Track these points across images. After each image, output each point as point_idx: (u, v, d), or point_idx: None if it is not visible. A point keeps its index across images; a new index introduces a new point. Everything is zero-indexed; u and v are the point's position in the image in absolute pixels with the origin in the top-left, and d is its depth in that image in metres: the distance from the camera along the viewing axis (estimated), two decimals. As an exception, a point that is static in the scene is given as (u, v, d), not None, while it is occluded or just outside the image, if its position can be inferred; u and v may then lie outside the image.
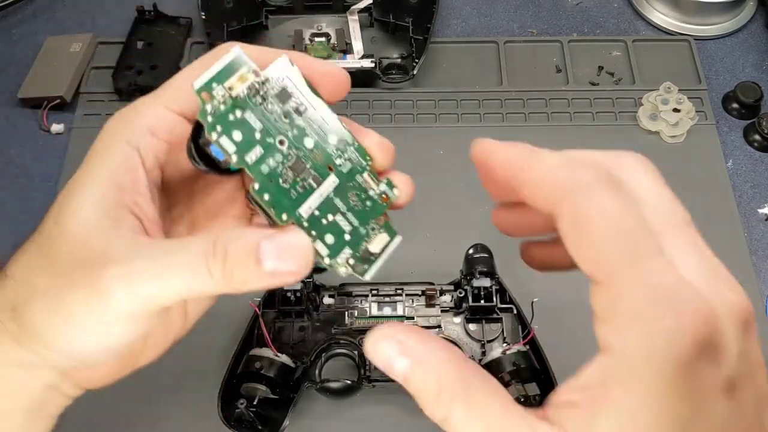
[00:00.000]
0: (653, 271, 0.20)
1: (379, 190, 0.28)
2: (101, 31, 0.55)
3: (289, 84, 0.26)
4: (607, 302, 0.20)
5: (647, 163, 0.23)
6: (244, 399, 0.35)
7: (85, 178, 0.25)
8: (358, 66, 0.50)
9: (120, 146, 0.25)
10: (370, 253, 0.27)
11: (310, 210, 0.26)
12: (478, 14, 0.57)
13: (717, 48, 0.55)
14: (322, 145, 0.27)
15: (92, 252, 0.23)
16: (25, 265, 0.25)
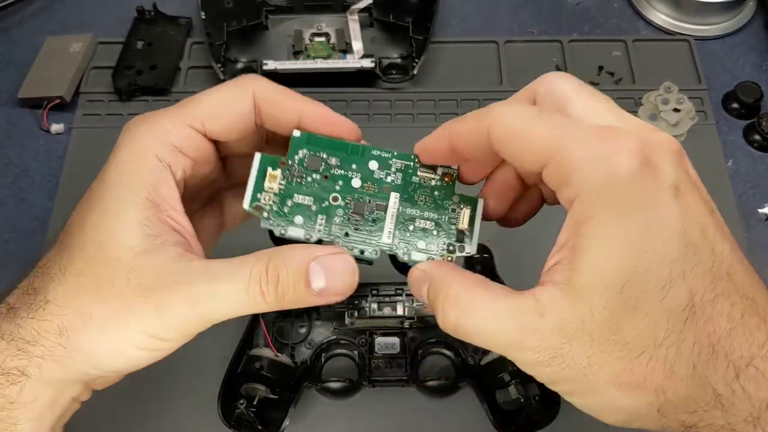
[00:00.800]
0: (592, 129, 0.24)
1: (440, 174, 0.29)
2: (101, 31, 0.55)
3: (310, 152, 0.29)
4: (564, 172, 0.23)
5: (566, 78, 0.27)
6: (244, 399, 0.35)
7: (123, 198, 0.25)
8: (358, 66, 0.50)
9: (152, 163, 0.26)
10: (461, 232, 0.28)
11: (391, 234, 0.28)
12: (478, 14, 0.57)
13: (717, 48, 0.55)
14: (369, 177, 0.29)
15: (148, 277, 0.24)
16: (72, 292, 0.25)
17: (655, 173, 0.22)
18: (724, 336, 0.22)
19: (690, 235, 0.22)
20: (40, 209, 0.46)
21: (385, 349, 0.37)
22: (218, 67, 0.50)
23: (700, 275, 0.22)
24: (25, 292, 0.26)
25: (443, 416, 0.38)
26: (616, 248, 0.22)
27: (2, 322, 0.25)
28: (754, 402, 0.21)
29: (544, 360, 0.23)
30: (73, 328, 0.25)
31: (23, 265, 0.43)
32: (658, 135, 0.24)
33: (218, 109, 0.27)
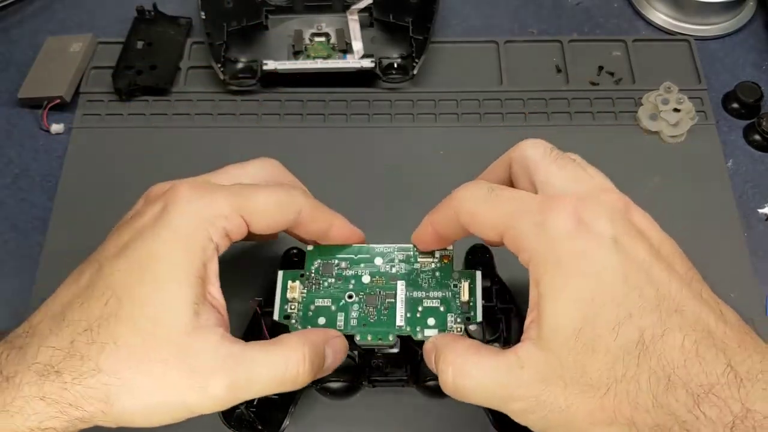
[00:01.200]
0: (535, 200, 0.27)
1: (438, 257, 0.34)
2: (101, 31, 0.55)
3: (323, 261, 0.34)
4: (516, 242, 0.27)
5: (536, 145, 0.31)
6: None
7: (177, 274, 0.27)
8: (358, 66, 0.50)
9: (206, 242, 0.28)
10: (465, 303, 0.33)
11: (403, 318, 0.33)
12: (478, 14, 0.57)
13: (717, 48, 0.55)
14: (377, 272, 0.34)
15: (195, 359, 0.27)
16: (123, 364, 0.26)
17: (589, 229, 0.26)
18: (679, 367, 0.24)
19: (632, 278, 0.25)
20: (40, 209, 0.46)
21: (385, 349, 0.37)
22: (218, 67, 0.50)
23: (647, 313, 0.24)
24: (68, 354, 0.26)
25: (443, 416, 0.38)
26: (567, 301, 0.25)
27: (44, 383, 0.26)
28: (718, 427, 0.23)
29: (530, 407, 0.25)
30: (119, 396, 0.26)
31: (23, 265, 0.44)
32: (598, 197, 0.27)
33: (270, 213, 0.31)
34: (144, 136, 0.49)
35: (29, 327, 0.28)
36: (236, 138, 0.49)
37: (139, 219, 0.29)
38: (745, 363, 0.24)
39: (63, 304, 0.28)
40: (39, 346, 0.26)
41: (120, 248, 0.28)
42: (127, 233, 0.29)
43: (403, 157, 0.48)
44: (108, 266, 0.28)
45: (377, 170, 0.48)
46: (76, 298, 0.28)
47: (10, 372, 0.26)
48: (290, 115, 0.50)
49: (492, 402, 0.27)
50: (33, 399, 0.26)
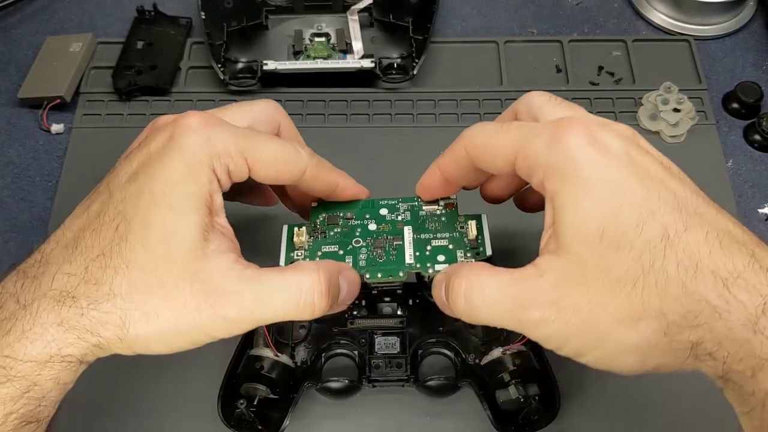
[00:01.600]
0: (546, 123, 0.28)
1: (443, 205, 0.34)
2: (101, 31, 0.55)
3: (328, 214, 0.34)
4: (529, 162, 0.27)
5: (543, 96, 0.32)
6: (244, 399, 0.35)
7: (188, 199, 0.27)
8: (358, 66, 0.50)
9: (211, 174, 0.28)
10: (473, 240, 0.32)
11: (412, 257, 0.32)
12: (478, 14, 0.57)
13: (717, 48, 0.55)
14: (382, 220, 0.34)
15: (208, 282, 0.27)
16: (137, 288, 0.26)
17: (603, 146, 0.26)
18: (705, 256, 0.24)
19: (649, 184, 0.25)
20: (40, 209, 0.46)
21: (385, 349, 0.37)
22: (218, 67, 0.50)
23: (669, 212, 0.25)
24: (83, 280, 0.26)
25: (443, 416, 0.38)
26: (588, 204, 0.25)
27: (61, 309, 0.26)
28: (749, 309, 0.23)
29: (550, 315, 0.25)
30: (135, 321, 0.26)
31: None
32: (608, 123, 0.28)
33: (275, 164, 0.30)
34: (144, 136, 0.49)
35: (41, 256, 0.28)
36: (236, 138, 0.49)
37: (147, 146, 0.29)
38: (766, 258, 0.24)
39: (74, 231, 0.28)
40: (54, 274, 0.27)
41: (130, 175, 0.28)
42: (136, 160, 0.29)
43: (403, 157, 0.48)
44: (118, 193, 0.28)
45: (377, 170, 0.48)
46: (87, 225, 0.28)
47: (27, 300, 0.26)
48: (290, 115, 0.50)
49: (505, 315, 0.26)
50: (51, 325, 0.26)
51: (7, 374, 0.25)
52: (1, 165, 0.49)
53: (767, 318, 0.23)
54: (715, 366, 0.24)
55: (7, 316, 0.26)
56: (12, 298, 0.27)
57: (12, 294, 0.27)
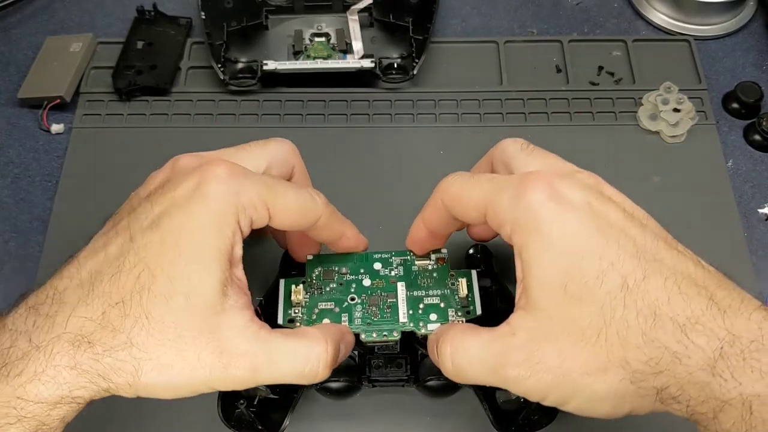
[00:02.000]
0: (512, 178, 0.29)
1: (434, 259, 0.35)
2: (101, 31, 0.55)
3: (324, 269, 0.35)
4: (498, 217, 0.28)
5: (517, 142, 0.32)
6: (244, 399, 0.35)
7: (211, 252, 0.28)
8: (358, 66, 0.50)
9: (235, 225, 0.29)
10: (464, 299, 0.34)
11: (405, 315, 0.34)
12: (478, 14, 0.57)
13: (717, 48, 0.55)
14: (376, 275, 0.35)
15: (223, 340, 0.27)
16: (155, 339, 0.27)
17: (564, 199, 0.27)
18: (664, 303, 0.25)
19: (609, 234, 0.26)
20: (40, 209, 0.46)
21: (385, 349, 0.37)
22: (218, 67, 0.50)
23: (628, 261, 0.26)
24: (100, 326, 0.26)
25: (443, 416, 0.38)
26: (550, 259, 0.26)
27: (76, 353, 0.26)
28: (707, 353, 0.24)
29: (525, 372, 0.26)
30: (147, 371, 0.27)
31: (23, 265, 0.44)
32: (571, 174, 0.29)
33: (294, 213, 0.31)
34: (144, 136, 0.49)
35: (53, 292, 0.28)
36: (236, 138, 0.49)
37: (171, 191, 0.29)
38: (726, 299, 0.25)
39: (91, 272, 0.28)
40: (69, 315, 0.27)
41: (152, 220, 0.28)
42: (160, 204, 0.29)
43: (403, 157, 0.48)
44: (140, 238, 0.28)
45: (377, 170, 0.48)
46: (105, 267, 0.28)
47: (41, 340, 0.26)
48: (290, 115, 0.50)
49: (489, 374, 0.27)
50: (65, 368, 0.26)
51: (18, 414, 0.25)
52: (1, 165, 0.49)
53: (725, 361, 0.24)
54: (681, 409, 0.25)
55: (20, 356, 0.26)
56: (23, 337, 0.26)
57: (23, 332, 0.27)
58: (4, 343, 0.26)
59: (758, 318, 0.24)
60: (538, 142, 0.49)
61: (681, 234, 0.30)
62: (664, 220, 0.48)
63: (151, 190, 0.31)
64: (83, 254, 0.29)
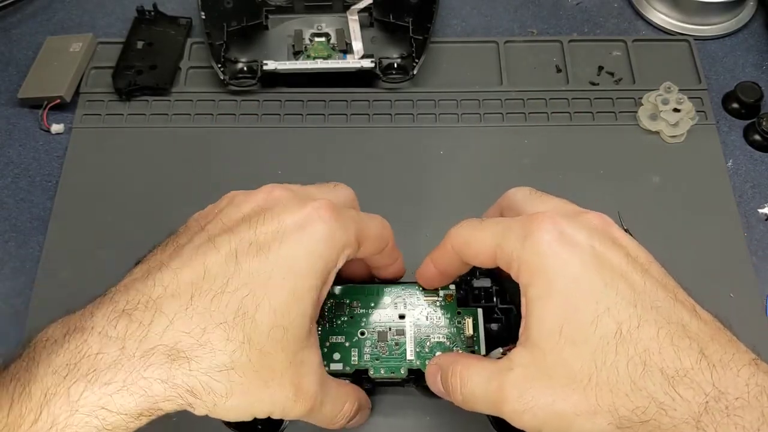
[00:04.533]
0: (520, 219, 0.30)
1: (442, 296, 0.36)
2: (101, 31, 0.55)
3: (336, 302, 0.36)
4: (506, 258, 0.29)
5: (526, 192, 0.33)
6: None
7: (309, 291, 0.29)
8: (358, 66, 0.50)
9: (332, 267, 0.30)
10: (470, 338, 0.35)
11: (413, 353, 0.35)
12: (478, 14, 0.57)
13: (717, 48, 0.55)
14: (384, 310, 0.36)
15: (300, 376, 0.29)
16: (251, 368, 0.27)
17: (569, 241, 0.28)
18: (655, 353, 0.25)
19: (608, 279, 0.27)
20: (40, 209, 0.46)
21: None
22: (218, 67, 0.50)
23: (624, 307, 0.26)
24: (199, 343, 0.26)
25: (443, 416, 0.38)
26: (550, 301, 0.27)
27: (171, 367, 0.26)
28: (692, 406, 0.24)
29: (521, 407, 0.27)
30: (237, 394, 0.27)
31: (23, 265, 0.44)
32: (578, 214, 0.29)
33: (376, 241, 0.33)
34: (144, 136, 0.49)
35: (147, 299, 0.27)
36: (236, 138, 0.49)
37: (279, 221, 0.29)
38: (717, 353, 0.25)
39: (189, 284, 0.27)
40: (166, 327, 0.26)
41: (260, 246, 0.28)
42: (265, 230, 0.29)
43: (403, 157, 0.48)
44: (246, 262, 0.28)
45: (377, 170, 0.48)
46: (206, 282, 0.27)
47: (134, 350, 0.25)
48: (290, 115, 0.50)
49: (491, 407, 0.28)
50: (156, 381, 0.25)
51: (98, 425, 0.25)
52: (1, 165, 0.49)
53: (709, 415, 0.24)
54: None
55: (109, 364, 0.25)
56: (114, 343, 0.25)
57: (114, 338, 0.26)
58: (91, 347, 0.25)
59: (746, 374, 0.25)
60: (538, 142, 0.49)
61: (681, 234, 0.30)
62: (664, 220, 0.48)
63: (246, 213, 0.30)
64: (175, 261, 0.28)
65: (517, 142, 0.49)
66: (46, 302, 0.42)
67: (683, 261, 0.43)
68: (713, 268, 0.43)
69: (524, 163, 0.48)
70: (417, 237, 0.44)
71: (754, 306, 0.42)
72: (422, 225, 0.45)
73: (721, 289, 0.43)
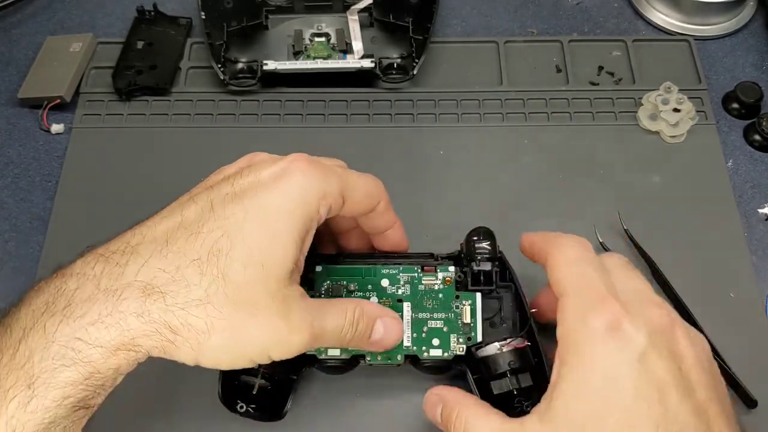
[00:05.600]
0: (592, 291, 0.29)
1: (441, 279, 0.36)
2: (101, 31, 0.55)
3: (332, 283, 0.36)
4: (561, 310, 0.29)
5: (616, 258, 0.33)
6: (243, 389, 0.35)
7: (290, 231, 0.29)
8: (358, 66, 0.50)
9: (314, 213, 0.30)
10: (466, 325, 0.35)
11: (409, 339, 0.35)
12: (478, 14, 0.57)
13: (717, 48, 0.55)
14: (383, 293, 0.36)
15: (289, 310, 0.29)
16: (230, 301, 0.27)
17: (623, 337, 0.27)
18: None
19: (644, 393, 0.26)
20: (40, 209, 0.46)
21: None
22: (218, 67, 0.50)
23: (645, 427, 0.26)
24: (173, 279, 0.27)
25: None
26: (580, 396, 0.27)
27: (145, 301, 0.26)
28: None
29: None
30: (219, 331, 0.27)
31: (23, 265, 0.44)
32: (644, 309, 0.29)
33: (363, 196, 0.33)
34: (144, 136, 0.49)
35: (125, 245, 0.28)
36: (236, 138, 0.49)
37: (255, 174, 0.30)
38: None
39: (165, 231, 0.28)
40: (141, 265, 0.27)
41: (234, 195, 0.29)
42: (242, 182, 0.30)
43: (403, 157, 0.48)
44: (220, 208, 0.28)
45: (377, 170, 0.47)
46: (181, 228, 0.28)
47: (109, 285, 0.26)
48: (290, 116, 0.50)
49: None
50: (131, 315, 0.26)
51: (74, 357, 0.25)
52: (1, 165, 0.49)
53: None
54: None
55: (84, 299, 0.26)
56: (91, 282, 0.27)
57: (91, 277, 0.27)
58: (69, 286, 0.26)
59: None
60: (538, 142, 0.49)
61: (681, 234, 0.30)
62: (664, 220, 0.48)
63: (229, 174, 0.31)
64: (157, 216, 0.29)
65: (517, 142, 0.49)
66: (46, 302, 0.42)
67: (683, 261, 0.43)
68: (713, 268, 0.43)
69: (524, 163, 0.48)
70: (417, 237, 0.44)
71: (754, 306, 0.42)
72: (422, 225, 0.45)
73: (721, 289, 0.43)
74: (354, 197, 0.32)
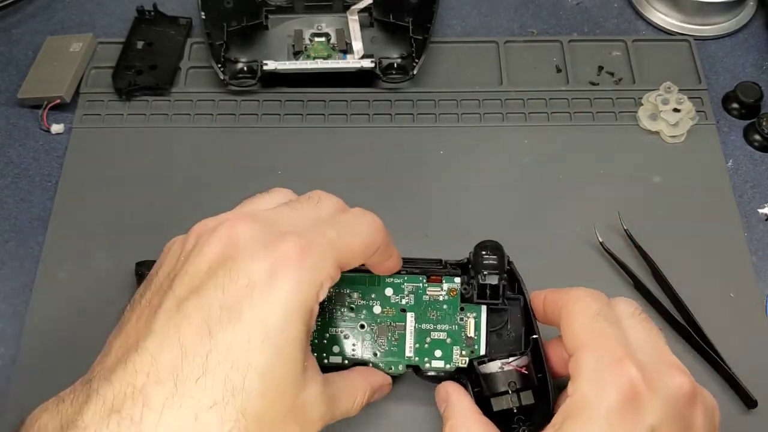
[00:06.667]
0: (613, 349, 0.29)
1: (446, 290, 0.35)
2: (101, 31, 0.55)
3: (336, 291, 0.35)
4: (575, 366, 0.29)
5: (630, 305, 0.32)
6: None
7: (293, 343, 0.28)
8: (358, 66, 0.50)
9: (315, 305, 0.29)
10: (470, 338, 0.35)
11: (411, 349, 0.35)
12: (478, 14, 0.57)
13: (717, 48, 0.55)
14: (387, 302, 0.35)
15: (305, 414, 0.29)
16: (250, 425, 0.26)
17: (635, 410, 0.27)
18: None
19: None
20: (40, 209, 0.46)
21: None
22: (218, 67, 0.50)
23: None
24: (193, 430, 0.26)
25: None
26: None
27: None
28: None
29: None
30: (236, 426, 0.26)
31: (23, 265, 0.44)
32: (664, 376, 0.28)
33: (360, 257, 0.31)
34: (144, 136, 0.49)
35: (132, 390, 0.25)
36: (236, 138, 0.49)
37: (244, 276, 0.27)
38: None
39: (167, 367, 0.26)
40: (157, 423, 0.25)
41: (230, 311, 0.27)
42: (232, 290, 0.27)
43: (403, 157, 0.48)
44: (220, 331, 0.26)
45: (377, 170, 0.48)
46: (185, 366, 0.26)
47: (135, 415, 0.25)
48: (290, 116, 0.50)
49: None
50: None
51: None
52: (1, 165, 0.49)
53: None
54: None
55: None
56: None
57: None
58: None
59: None
60: (538, 142, 0.49)
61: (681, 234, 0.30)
62: (664, 220, 0.48)
63: (211, 261, 0.28)
64: (150, 345, 0.26)
65: (517, 142, 0.49)
66: (46, 302, 0.42)
67: (683, 261, 0.43)
68: (713, 268, 0.43)
69: (524, 163, 0.48)
70: (417, 237, 0.44)
71: (754, 306, 0.42)
72: (422, 225, 0.45)
73: (721, 289, 0.43)
74: (353, 258, 0.30)
